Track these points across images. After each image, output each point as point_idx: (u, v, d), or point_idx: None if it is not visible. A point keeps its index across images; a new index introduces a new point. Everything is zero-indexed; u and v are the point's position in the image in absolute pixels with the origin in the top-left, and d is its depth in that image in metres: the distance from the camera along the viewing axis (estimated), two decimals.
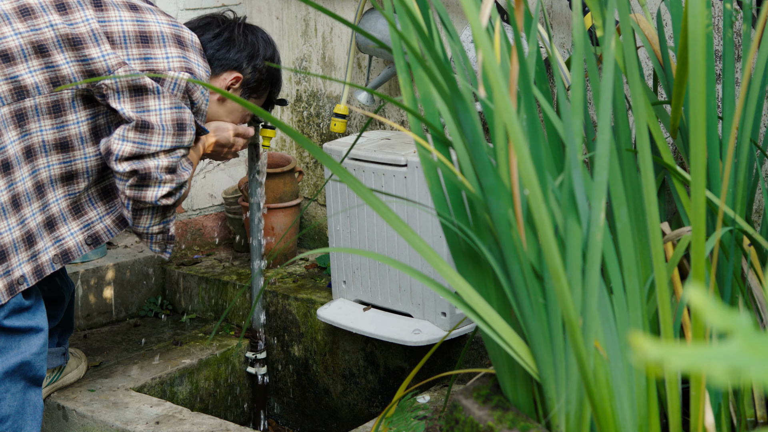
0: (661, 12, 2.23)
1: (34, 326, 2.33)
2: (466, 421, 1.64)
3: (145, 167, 2.26)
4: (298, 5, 3.46)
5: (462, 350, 2.64)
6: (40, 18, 2.26)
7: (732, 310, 0.79)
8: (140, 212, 2.34)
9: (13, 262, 2.26)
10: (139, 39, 2.30)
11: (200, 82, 1.76)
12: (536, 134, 1.54)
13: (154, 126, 2.25)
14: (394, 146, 2.80)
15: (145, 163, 2.26)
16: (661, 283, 1.53)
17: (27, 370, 2.33)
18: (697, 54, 1.39)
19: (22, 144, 2.24)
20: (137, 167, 2.25)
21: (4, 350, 2.30)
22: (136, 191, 2.29)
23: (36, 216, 2.28)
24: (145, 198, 2.29)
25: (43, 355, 2.36)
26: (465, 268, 1.64)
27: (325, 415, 3.18)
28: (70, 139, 2.29)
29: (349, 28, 1.91)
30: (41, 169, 2.28)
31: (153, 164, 2.26)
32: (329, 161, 1.54)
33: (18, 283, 2.27)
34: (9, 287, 2.26)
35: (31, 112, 2.24)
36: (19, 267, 2.27)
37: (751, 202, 1.93)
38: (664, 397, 1.61)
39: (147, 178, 2.27)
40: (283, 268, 3.40)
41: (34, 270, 2.30)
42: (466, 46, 2.67)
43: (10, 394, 2.31)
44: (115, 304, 3.38)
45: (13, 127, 2.23)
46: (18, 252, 2.26)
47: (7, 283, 2.25)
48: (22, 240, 2.26)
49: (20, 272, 2.27)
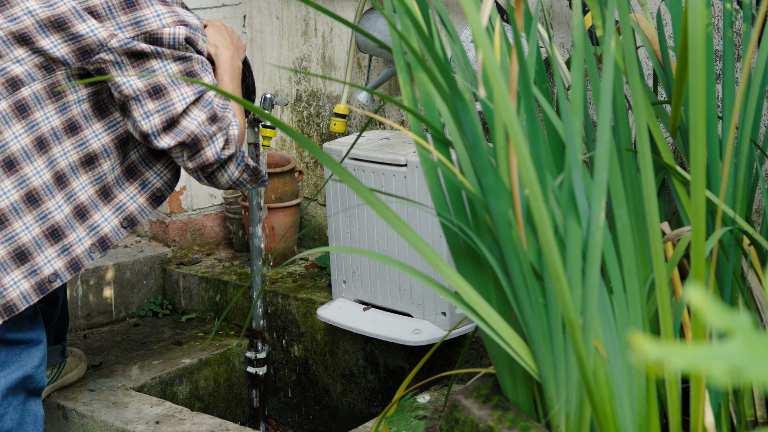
0: (661, 12, 2.23)
1: (34, 338, 2.28)
2: (466, 420, 1.64)
3: (189, 133, 2.17)
4: (298, 5, 3.46)
5: (462, 350, 2.64)
6: (16, 6, 2.17)
7: (732, 310, 0.79)
8: (213, 174, 2.25)
9: (39, 261, 2.17)
10: (124, 4, 2.19)
11: None
12: (536, 134, 1.55)
13: (166, 85, 2.17)
14: (394, 146, 2.80)
15: (186, 128, 2.17)
16: (661, 283, 1.53)
17: (28, 383, 2.29)
18: (697, 54, 1.39)
19: (30, 136, 2.17)
20: (182, 138, 2.17)
21: (5, 365, 2.25)
22: (196, 160, 2.20)
23: (63, 208, 2.20)
24: (208, 161, 2.20)
25: (43, 366, 2.32)
26: (465, 268, 1.64)
27: (325, 415, 3.18)
28: (75, 119, 2.21)
29: (349, 28, 1.91)
30: (58, 158, 2.20)
31: (194, 125, 2.17)
32: (329, 161, 1.54)
33: (50, 281, 2.19)
34: (39, 286, 2.18)
35: (32, 102, 2.17)
36: (49, 264, 2.18)
37: (751, 201, 1.93)
38: (664, 397, 1.61)
39: (197, 142, 2.18)
40: (283, 267, 3.40)
41: (69, 264, 2.21)
42: (466, 46, 2.67)
43: (12, 407, 2.26)
44: (115, 304, 3.38)
45: (17, 121, 2.16)
46: (42, 249, 2.18)
47: (36, 283, 2.17)
48: (45, 236, 2.18)
49: (51, 269, 2.19)
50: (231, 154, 2.24)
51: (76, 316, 3.26)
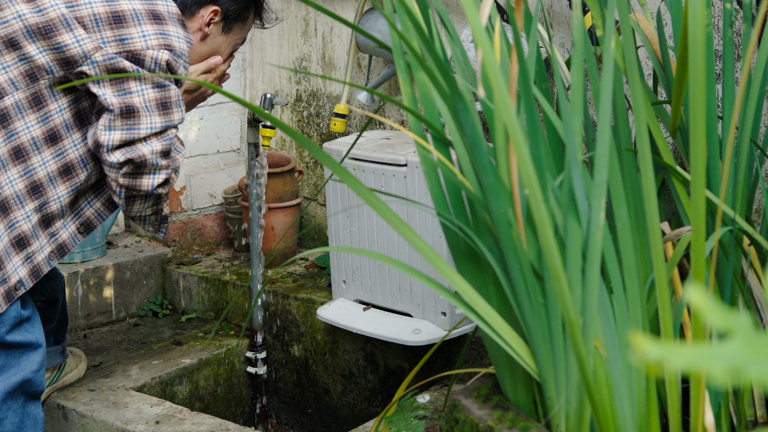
0: (661, 12, 2.23)
1: (34, 341, 2.28)
2: (466, 420, 1.64)
3: (140, 155, 2.15)
4: (298, 5, 3.46)
5: (462, 350, 2.64)
6: (7, 10, 2.15)
7: (732, 310, 0.79)
8: (133, 199, 2.24)
9: (8, 269, 2.18)
10: (112, 20, 2.17)
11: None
12: (536, 134, 1.54)
13: (139, 109, 2.15)
14: (394, 146, 2.80)
15: (139, 150, 2.15)
16: (661, 283, 1.53)
17: (27, 387, 2.29)
18: (697, 54, 1.39)
19: (8, 146, 2.15)
20: (132, 156, 2.15)
21: (4, 368, 2.25)
22: (130, 180, 2.19)
23: (31, 217, 2.20)
24: (140, 187, 2.20)
25: (42, 371, 2.32)
26: (465, 268, 1.64)
27: (325, 415, 3.18)
28: (57, 129, 2.19)
29: (349, 28, 1.91)
30: (37, 168, 2.19)
31: (147, 150, 2.16)
32: (329, 161, 1.54)
33: (15, 289, 2.20)
34: (7, 295, 2.19)
35: (13, 111, 2.15)
36: (15, 272, 2.19)
37: (751, 201, 1.93)
38: (664, 397, 1.61)
39: (143, 165, 2.17)
40: (283, 267, 3.40)
41: (31, 272, 2.23)
42: (466, 46, 2.67)
43: (12, 411, 2.26)
44: (115, 304, 3.38)
45: None
46: (10, 258, 2.18)
47: (5, 291, 2.18)
48: (12, 245, 2.18)
49: (17, 277, 2.20)
50: (162, 194, 2.25)
51: (76, 316, 3.26)
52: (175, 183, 2.26)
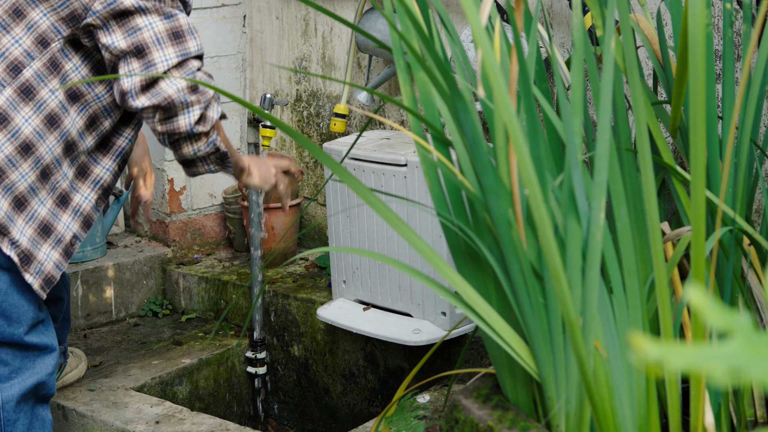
0: (661, 12, 2.23)
1: (48, 344, 2.28)
2: (466, 420, 1.64)
3: (166, 96, 2.11)
4: (298, 5, 3.46)
5: (462, 350, 2.64)
6: None
7: (732, 310, 0.79)
8: (179, 143, 2.21)
9: (60, 229, 2.21)
10: None
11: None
12: (536, 134, 1.55)
13: (149, 43, 2.10)
14: (394, 146, 2.80)
15: (164, 92, 2.11)
16: (661, 283, 1.53)
17: (40, 390, 2.28)
18: (697, 54, 1.39)
19: (40, 116, 2.15)
20: (158, 100, 2.11)
21: (20, 371, 2.24)
22: (167, 125, 2.16)
23: (68, 174, 2.22)
24: (179, 129, 2.16)
25: (54, 374, 2.31)
26: (465, 268, 1.64)
27: (325, 415, 3.18)
28: (78, 88, 2.18)
29: (349, 28, 1.91)
30: (69, 129, 2.19)
31: (172, 90, 2.12)
32: (329, 161, 1.54)
33: (71, 245, 2.24)
34: (65, 252, 2.23)
35: (35, 81, 2.15)
36: (68, 230, 2.23)
37: (751, 201, 1.93)
38: (664, 397, 1.61)
39: (172, 107, 2.13)
40: (283, 267, 3.40)
41: (83, 224, 2.26)
42: (466, 46, 2.67)
43: (23, 413, 2.25)
44: (115, 304, 3.38)
45: (24, 104, 2.14)
46: (60, 218, 2.21)
47: (63, 250, 2.22)
48: (57, 204, 2.21)
49: (71, 234, 2.23)
50: (204, 132, 2.19)
51: (76, 316, 3.26)
52: (217, 117, 2.21)
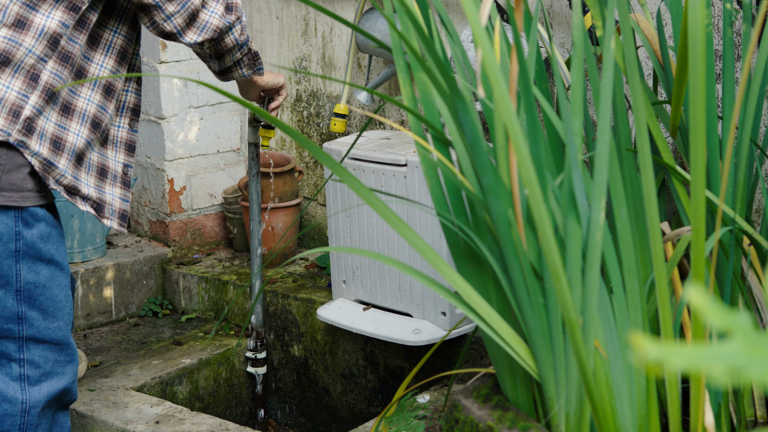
0: (661, 12, 2.23)
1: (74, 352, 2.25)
2: (466, 420, 1.64)
3: (214, 28, 2.18)
4: (298, 5, 3.46)
5: (462, 350, 2.64)
6: None
7: (732, 310, 0.79)
8: (222, 56, 2.30)
9: (112, 166, 2.22)
10: None
11: None
12: (536, 134, 1.55)
13: None
14: (394, 146, 2.81)
15: (209, 24, 2.18)
16: (661, 283, 1.53)
17: (64, 396, 2.24)
18: (697, 54, 1.39)
19: (99, 91, 2.17)
20: (209, 35, 2.18)
21: (52, 375, 2.21)
22: (215, 47, 2.24)
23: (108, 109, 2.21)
24: (227, 46, 2.26)
25: (76, 382, 2.31)
26: (465, 268, 1.64)
27: (325, 415, 3.18)
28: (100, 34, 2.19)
29: (349, 28, 1.91)
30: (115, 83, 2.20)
31: (215, 19, 2.18)
32: (329, 161, 1.54)
33: (125, 174, 2.24)
34: (124, 183, 2.23)
35: (70, 47, 2.11)
36: (118, 163, 2.23)
37: (751, 201, 1.93)
38: (664, 397, 1.61)
39: (221, 34, 2.21)
40: (283, 267, 3.40)
41: (127, 151, 2.26)
42: (466, 45, 2.67)
43: (45, 418, 2.23)
44: (115, 304, 3.38)
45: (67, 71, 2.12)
46: (108, 156, 2.21)
47: (122, 183, 2.23)
48: (102, 144, 2.21)
49: (120, 165, 2.23)
50: (245, 39, 2.28)
51: (76, 316, 3.26)
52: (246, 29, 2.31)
